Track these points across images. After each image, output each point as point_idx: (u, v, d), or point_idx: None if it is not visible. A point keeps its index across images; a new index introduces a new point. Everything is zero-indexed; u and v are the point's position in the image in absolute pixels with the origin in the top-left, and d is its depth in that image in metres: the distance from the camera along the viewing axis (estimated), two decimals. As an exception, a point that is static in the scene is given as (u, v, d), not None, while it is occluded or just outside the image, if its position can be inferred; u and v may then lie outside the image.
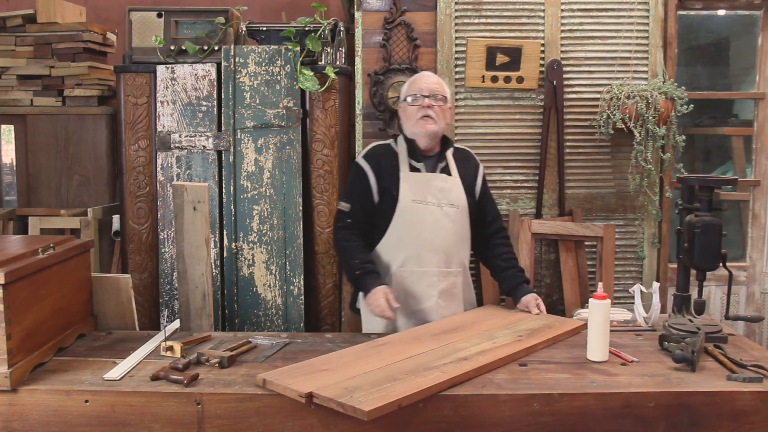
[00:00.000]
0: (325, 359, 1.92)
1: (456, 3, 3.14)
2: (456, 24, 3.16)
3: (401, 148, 2.48)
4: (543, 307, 2.41)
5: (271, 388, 1.75)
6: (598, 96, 3.16)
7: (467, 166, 2.53)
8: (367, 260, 2.38)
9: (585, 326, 2.06)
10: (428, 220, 2.39)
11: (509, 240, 2.61)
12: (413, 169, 2.44)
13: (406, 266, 2.41)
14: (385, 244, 2.44)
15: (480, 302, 3.20)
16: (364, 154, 2.51)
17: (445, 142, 2.51)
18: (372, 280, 2.30)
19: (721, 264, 2.19)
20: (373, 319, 2.41)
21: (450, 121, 2.48)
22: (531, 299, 2.42)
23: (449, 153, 2.52)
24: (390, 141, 2.55)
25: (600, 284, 2.02)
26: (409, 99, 2.43)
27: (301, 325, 3.01)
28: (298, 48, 2.97)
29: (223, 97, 2.97)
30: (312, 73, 2.95)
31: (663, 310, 3.03)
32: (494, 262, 2.55)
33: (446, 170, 2.48)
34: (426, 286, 2.40)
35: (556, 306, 3.26)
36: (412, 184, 2.41)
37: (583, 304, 3.12)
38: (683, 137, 3.11)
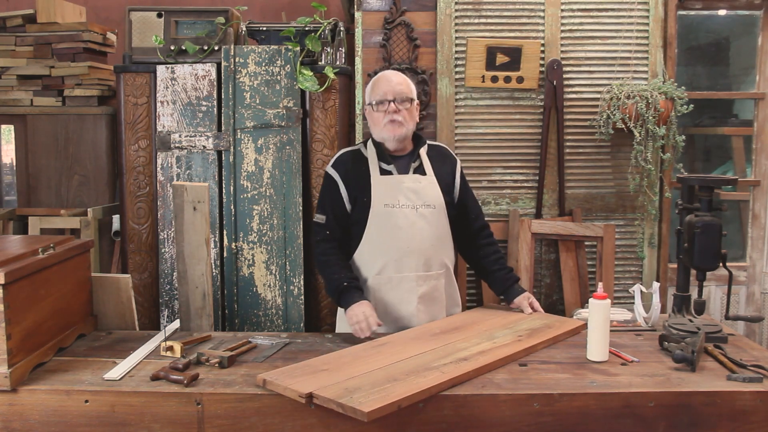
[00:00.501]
0: (325, 359, 1.92)
1: (456, 3, 3.14)
2: (456, 24, 3.16)
3: (371, 152, 2.39)
4: (537, 305, 2.39)
5: (271, 388, 1.75)
6: (598, 96, 3.16)
7: (443, 164, 2.44)
8: (350, 276, 2.32)
9: (585, 326, 2.06)
10: (403, 223, 2.31)
11: (494, 238, 2.53)
12: (384, 172, 2.36)
13: (383, 273, 2.33)
14: (361, 252, 2.37)
15: (480, 302, 3.20)
16: (332, 163, 2.44)
17: (417, 139, 2.43)
18: (356, 296, 2.24)
19: (721, 264, 2.19)
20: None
21: (417, 119, 2.40)
22: (523, 299, 2.39)
23: (423, 151, 2.42)
24: (359, 146, 2.46)
25: (600, 284, 2.02)
26: (374, 103, 2.35)
27: (301, 325, 3.01)
28: (298, 48, 2.97)
29: (223, 97, 2.97)
30: (312, 74, 2.95)
31: (663, 310, 3.03)
32: (481, 264, 2.49)
33: (420, 170, 2.39)
34: (405, 292, 2.33)
35: (556, 306, 3.26)
36: (383, 188, 2.33)
37: (583, 304, 3.12)
38: (683, 137, 3.11)
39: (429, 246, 2.34)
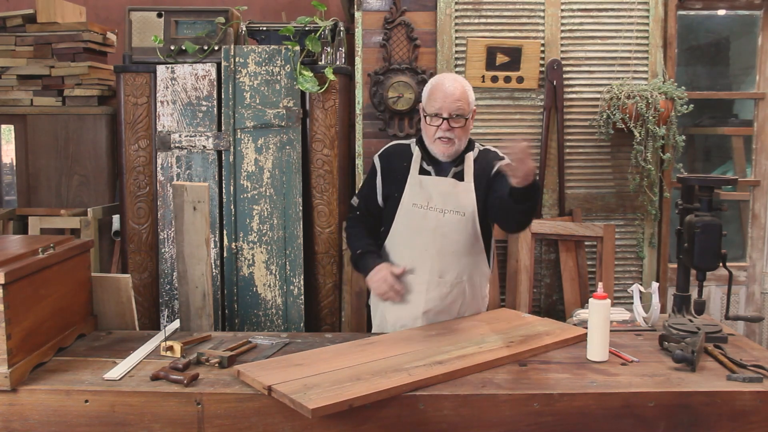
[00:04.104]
0: (305, 355, 1.94)
1: (456, 3, 3.14)
2: (456, 24, 3.16)
3: (416, 151, 2.34)
4: (527, 164, 1.97)
5: (243, 379, 1.79)
6: (598, 96, 3.16)
7: (486, 169, 2.31)
8: (367, 242, 2.32)
9: (585, 336, 2.05)
10: (426, 225, 2.26)
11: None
12: (423, 171, 2.31)
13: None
14: (386, 247, 2.36)
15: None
16: (380, 152, 2.42)
17: (469, 143, 2.33)
18: (372, 260, 2.25)
19: (721, 264, 2.19)
20: (379, 318, 2.39)
21: (472, 127, 2.29)
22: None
23: (470, 155, 2.31)
24: (411, 141, 2.40)
25: (600, 284, 2.01)
26: (427, 117, 2.24)
27: (301, 325, 3.01)
28: (298, 48, 2.97)
29: (223, 97, 2.97)
30: (312, 74, 2.95)
31: (663, 310, 3.03)
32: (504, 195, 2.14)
33: (460, 175, 2.29)
34: (415, 294, 2.28)
35: (556, 306, 3.26)
36: (416, 188, 2.29)
37: (583, 304, 3.12)
38: (683, 137, 3.11)
39: (448, 252, 2.27)
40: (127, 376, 1.85)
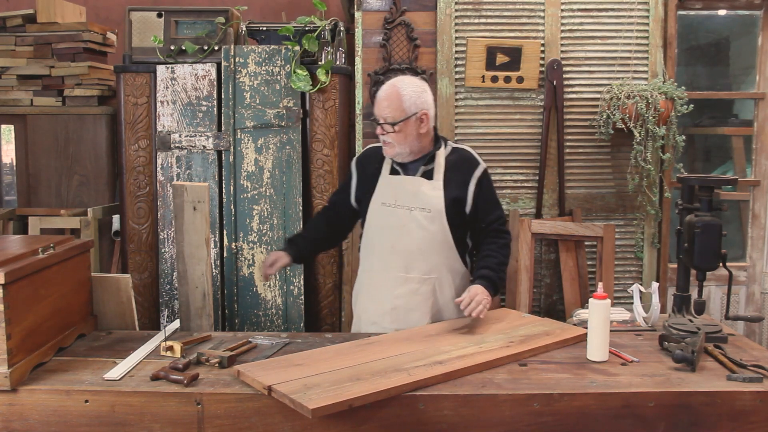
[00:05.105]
0: (305, 355, 1.94)
1: (456, 3, 3.14)
2: (456, 24, 3.16)
3: None
4: (477, 310, 2.12)
5: (243, 379, 1.78)
6: (598, 96, 3.16)
7: (459, 169, 2.36)
8: (303, 232, 2.58)
9: (585, 336, 2.04)
10: (393, 223, 2.31)
11: (500, 236, 2.38)
12: (394, 172, 2.37)
13: (371, 269, 2.38)
14: (361, 247, 2.46)
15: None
16: (357, 157, 2.52)
17: (437, 141, 2.38)
18: (284, 245, 2.47)
19: (721, 264, 2.19)
20: (356, 315, 2.46)
21: (424, 130, 2.30)
22: (468, 293, 2.18)
23: (441, 154, 2.36)
24: None
25: (600, 284, 2.01)
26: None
27: (301, 325, 3.01)
28: (298, 48, 2.97)
29: (223, 97, 2.97)
30: (306, 74, 2.95)
31: (663, 310, 3.03)
32: (477, 260, 2.38)
33: (429, 173, 2.33)
34: (384, 291, 2.33)
35: (556, 306, 3.26)
36: (386, 188, 2.35)
37: (583, 304, 3.12)
38: (683, 137, 3.11)
39: (416, 249, 2.31)
40: (127, 376, 1.85)
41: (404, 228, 2.31)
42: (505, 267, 2.37)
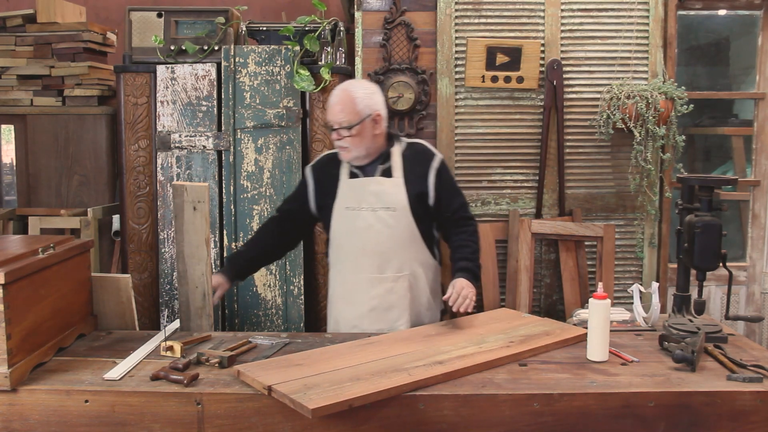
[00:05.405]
0: (305, 355, 1.94)
1: (456, 3, 3.14)
2: (456, 24, 3.16)
3: None
4: (464, 304, 2.18)
5: (243, 379, 1.79)
6: (598, 96, 3.16)
7: (417, 163, 2.40)
8: (244, 248, 2.56)
9: (585, 336, 2.04)
10: (361, 225, 2.33)
11: (469, 227, 2.42)
12: (353, 175, 2.39)
13: (342, 274, 2.40)
14: (329, 256, 2.49)
15: (480, 306, 3.20)
16: (312, 163, 2.54)
17: (390, 139, 2.42)
18: (222, 267, 2.50)
19: (721, 264, 2.19)
20: (333, 319, 2.47)
21: (378, 130, 2.34)
22: (452, 288, 2.22)
23: (396, 151, 2.39)
24: None
25: (600, 284, 2.01)
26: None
27: (301, 324, 3.01)
28: (298, 47, 2.97)
29: (223, 97, 2.97)
30: (308, 74, 2.95)
31: (663, 310, 3.03)
32: (450, 252, 2.41)
33: (388, 172, 2.37)
34: (357, 293, 2.36)
35: (556, 306, 3.26)
36: (347, 192, 2.38)
37: (583, 304, 3.12)
38: (683, 137, 3.11)
39: (386, 248, 2.34)
40: (127, 376, 1.85)
41: (371, 229, 2.33)
42: (479, 253, 2.42)
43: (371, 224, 2.33)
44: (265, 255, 2.57)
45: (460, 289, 2.21)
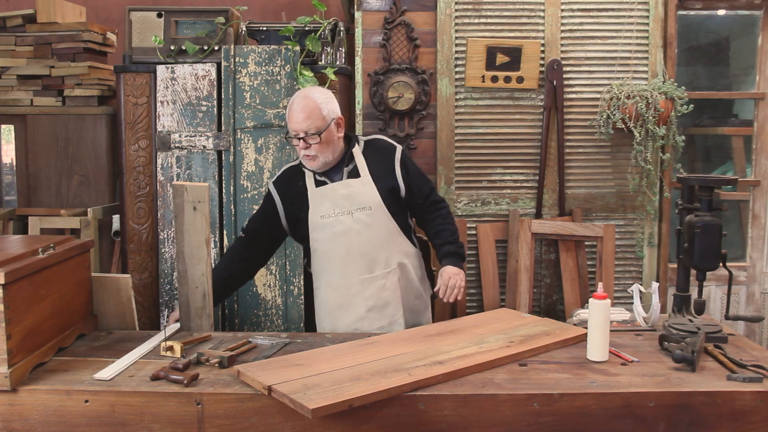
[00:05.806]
0: (305, 355, 1.94)
1: (456, 3, 3.15)
2: (456, 24, 3.16)
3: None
4: (454, 294, 2.29)
5: (243, 379, 1.78)
6: (598, 96, 3.16)
7: (380, 158, 2.41)
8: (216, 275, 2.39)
9: (585, 336, 2.04)
10: (339, 230, 2.34)
11: (443, 211, 2.48)
12: (319, 183, 2.38)
13: (330, 281, 2.40)
14: (312, 265, 2.47)
15: (480, 306, 3.20)
16: (274, 179, 2.49)
17: (348, 141, 2.43)
18: None
19: (721, 264, 2.19)
20: (329, 325, 2.46)
21: (341, 134, 2.36)
22: (441, 279, 2.31)
23: (357, 151, 2.41)
24: (300, 161, 2.44)
25: (600, 284, 2.01)
26: (289, 137, 2.35)
27: (301, 325, 3.01)
28: (298, 48, 2.97)
29: (223, 97, 2.97)
30: (312, 74, 2.95)
31: (663, 310, 3.03)
32: (430, 238, 2.48)
33: (354, 172, 2.38)
34: (351, 297, 2.37)
35: (556, 306, 3.26)
36: (319, 200, 2.37)
37: (583, 304, 3.12)
38: (683, 137, 3.12)
39: (371, 248, 2.35)
40: (127, 376, 1.85)
41: (351, 232, 2.34)
42: (458, 233, 2.46)
43: (350, 227, 2.34)
44: (234, 280, 2.54)
45: (447, 279, 2.29)
